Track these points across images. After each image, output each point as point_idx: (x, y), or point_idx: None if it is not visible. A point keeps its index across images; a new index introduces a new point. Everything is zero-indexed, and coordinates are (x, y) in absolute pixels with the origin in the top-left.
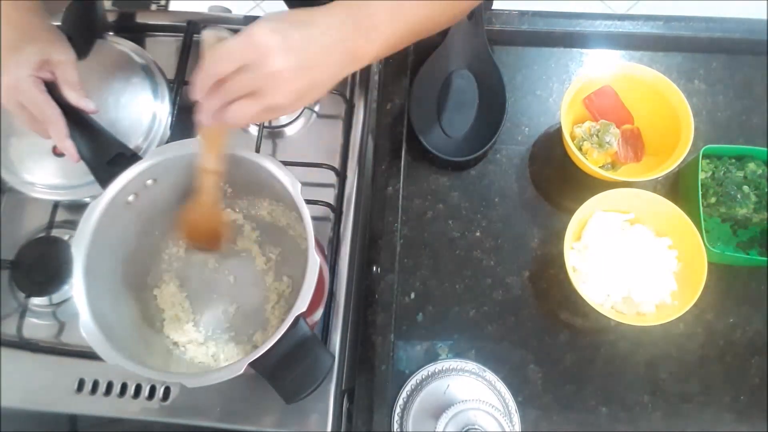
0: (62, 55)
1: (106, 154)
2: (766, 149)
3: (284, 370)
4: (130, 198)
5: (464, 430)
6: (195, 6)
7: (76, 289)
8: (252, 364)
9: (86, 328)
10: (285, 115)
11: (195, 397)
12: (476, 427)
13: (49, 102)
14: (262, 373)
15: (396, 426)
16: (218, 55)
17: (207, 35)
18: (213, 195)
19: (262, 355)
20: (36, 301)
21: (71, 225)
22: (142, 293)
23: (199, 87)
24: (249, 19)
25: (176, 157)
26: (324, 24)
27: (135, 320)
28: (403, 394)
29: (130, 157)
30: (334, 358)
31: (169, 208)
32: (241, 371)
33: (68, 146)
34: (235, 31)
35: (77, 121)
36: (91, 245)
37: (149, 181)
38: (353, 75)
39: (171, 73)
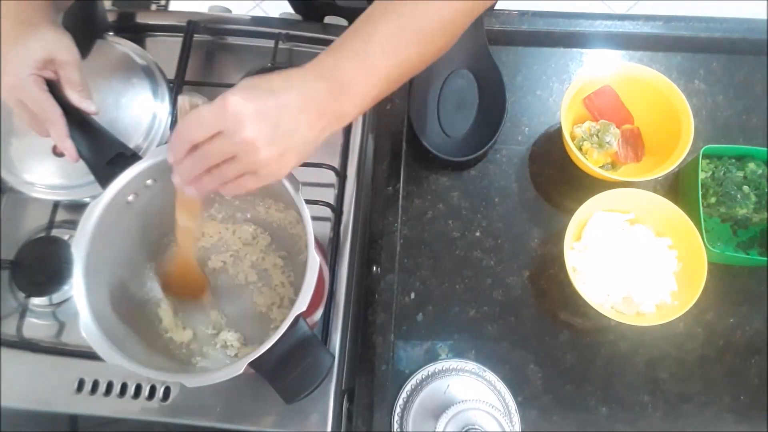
0: (66, 55)
1: (106, 154)
2: (766, 149)
3: (284, 370)
4: (130, 198)
5: (464, 430)
6: (195, 6)
7: (76, 289)
8: (252, 364)
9: (86, 328)
10: (269, 182)
11: (195, 397)
12: (476, 427)
13: (49, 101)
14: (262, 373)
15: (396, 426)
16: (192, 120)
17: (181, 100)
18: (188, 249)
19: (262, 355)
20: (36, 301)
21: (71, 225)
22: (142, 293)
23: (174, 150)
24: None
25: None
26: (297, 89)
27: (135, 320)
28: (403, 394)
29: (130, 157)
30: (334, 358)
31: (169, 208)
32: (241, 371)
33: (68, 146)
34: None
35: (77, 120)
36: (91, 245)
37: (149, 181)
38: None
39: (171, 73)
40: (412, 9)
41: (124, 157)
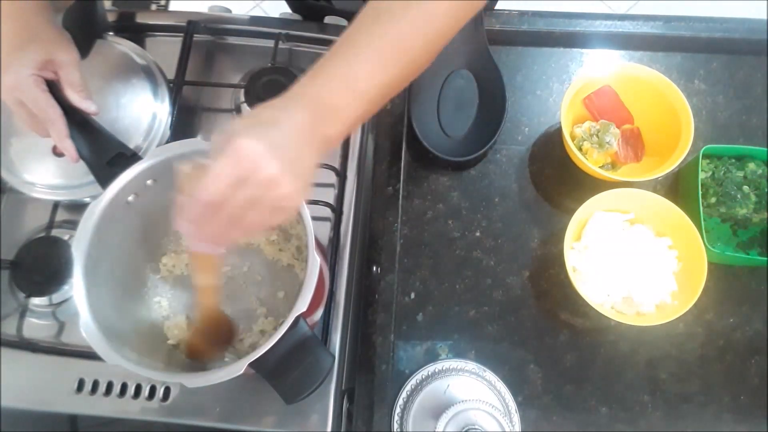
0: (66, 56)
1: (106, 154)
2: (766, 149)
3: (284, 370)
4: (130, 198)
5: (464, 430)
6: (195, 6)
7: (76, 289)
8: (252, 364)
9: (86, 328)
10: (292, 213)
11: (195, 397)
12: (476, 427)
13: (49, 101)
14: (262, 373)
15: (396, 426)
16: (210, 178)
17: (183, 167)
18: (214, 305)
19: (262, 355)
20: (36, 301)
21: (71, 225)
22: (142, 293)
23: (190, 217)
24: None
25: (176, 157)
26: (287, 119)
27: (135, 320)
28: (403, 394)
29: (130, 157)
30: (334, 358)
31: (169, 208)
32: (241, 371)
33: (68, 146)
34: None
35: (77, 120)
36: (91, 245)
37: (149, 181)
38: None
39: (171, 74)
40: (396, 29)
41: (124, 157)
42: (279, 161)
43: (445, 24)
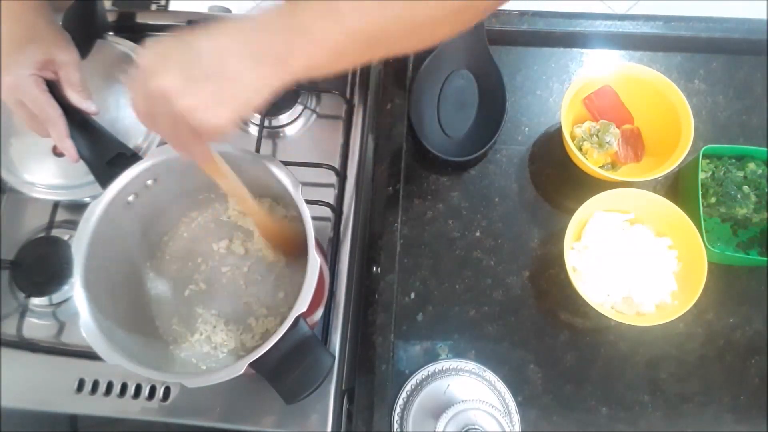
0: (66, 56)
1: (106, 154)
2: (766, 149)
3: (284, 370)
4: (130, 198)
5: (464, 430)
6: (195, 6)
7: (76, 289)
8: (252, 364)
9: (86, 328)
10: (220, 133)
11: (195, 397)
12: (476, 427)
13: (49, 101)
14: (262, 373)
15: (396, 426)
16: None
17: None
18: (252, 211)
19: (262, 355)
20: (36, 301)
21: (71, 225)
22: (142, 293)
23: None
24: None
25: (176, 157)
26: (230, 33)
27: (135, 319)
28: (403, 394)
29: (130, 157)
30: (334, 358)
31: (169, 208)
32: (241, 371)
33: (68, 146)
34: None
35: (77, 121)
36: (91, 245)
37: (149, 181)
38: (353, 75)
39: None
40: None
41: (124, 157)
42: (173, 74)
43: None
